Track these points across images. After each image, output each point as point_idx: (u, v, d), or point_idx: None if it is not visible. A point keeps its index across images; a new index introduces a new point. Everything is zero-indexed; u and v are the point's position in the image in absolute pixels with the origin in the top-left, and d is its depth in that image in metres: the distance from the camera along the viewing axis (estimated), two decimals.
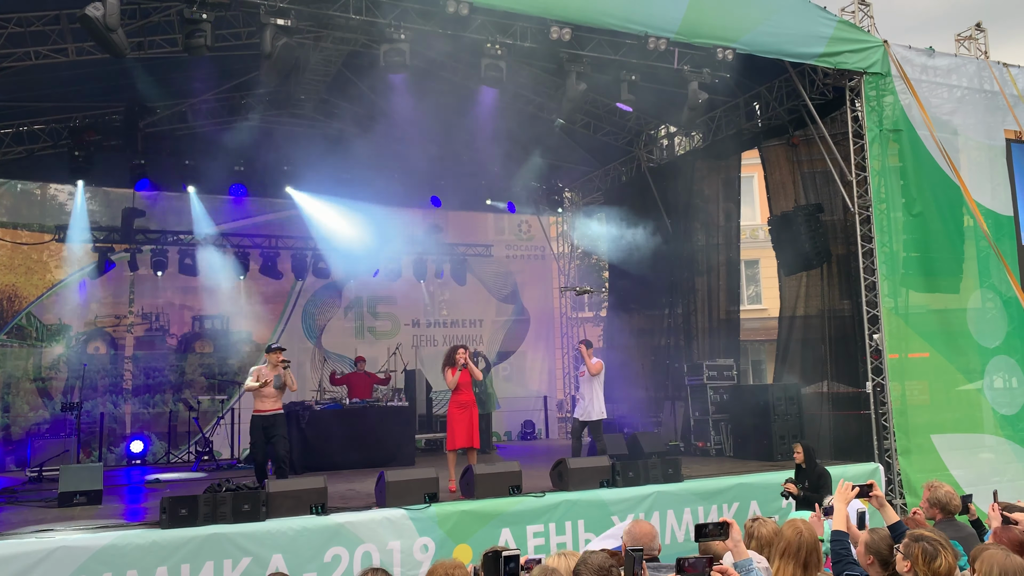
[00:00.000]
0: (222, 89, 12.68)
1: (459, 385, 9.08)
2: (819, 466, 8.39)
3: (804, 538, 3.99)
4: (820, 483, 8.14)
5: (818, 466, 8.36)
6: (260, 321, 15.73)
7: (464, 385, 9.12)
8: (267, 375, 9.23)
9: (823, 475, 8.26)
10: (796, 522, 4.16)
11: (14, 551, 6.17)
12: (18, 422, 13.73)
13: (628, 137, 14.78)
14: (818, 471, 8.31)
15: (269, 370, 9.27)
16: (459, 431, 9.02)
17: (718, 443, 12.29)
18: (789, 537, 4.04)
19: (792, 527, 4.11)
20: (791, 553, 3.97)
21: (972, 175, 11.14)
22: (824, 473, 8.29)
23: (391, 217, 16.32)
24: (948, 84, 11.25)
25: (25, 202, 14.30)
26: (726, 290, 13.58)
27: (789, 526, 4.15)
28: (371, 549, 7.22)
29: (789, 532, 4.07)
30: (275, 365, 9.27)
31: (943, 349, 10.68)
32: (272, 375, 9.23)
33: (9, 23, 9.52)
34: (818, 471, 8.31)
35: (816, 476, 8.25)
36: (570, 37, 9.07)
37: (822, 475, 8.26)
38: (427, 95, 11.23)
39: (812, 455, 8.45)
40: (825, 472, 8.31)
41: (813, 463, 8.40)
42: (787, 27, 10.04)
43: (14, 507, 8.68)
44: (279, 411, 9.37)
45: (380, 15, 8.67)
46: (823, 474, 8.27)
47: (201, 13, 7.85)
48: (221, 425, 14.41)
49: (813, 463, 8.40)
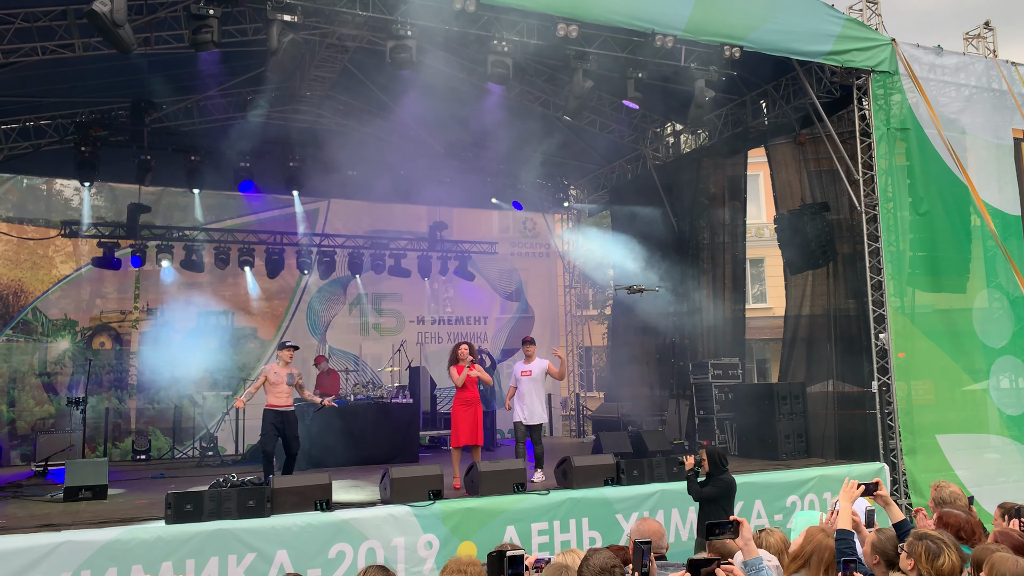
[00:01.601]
0: (228, 85, 12.69)
1: (464, 383, 9.09)
2: (727, 475, 7.23)
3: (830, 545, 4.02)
4: (725, 493, 7.12)
5: (726, 474, 7.20)
6: (265, 317, 15.77)
7: (470, 383, 9.12)
8: (279, 373, 9.24)
9: (730, 485, 7.17)
10: (816, 530, 4.18)
11: (20, 545, 6.19)
12: (24, 417, 13.77)
13: (634, 135, 14.75)
14: (725, 480, 7.17)
15: (281, 367, 9.29)
16: (463, 428, 9.03)
17: (723, 442, 12.26)
18: (820, 541, 4.06)
19: (821, 534, 4.12)
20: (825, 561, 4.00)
21: (980, 174, 11.09)
22: (731, 484, 7.18)
23: (396, 213, 16.38)
24: (956, 83, 11.19)
25: (31, 197, 14.33)
26: (731, 288, 13.55)
27: (817, 533, 4.16)
28: (375, 545, 7.22)
29: (820, 538, 4.09)
30: (287, 362, 9.29)
31: (949, 349, 10.64)
32: (284, 372, 9.25)
33: (16, 18, 9.54)
34: (725, 480, 7.17)
35: (724, 486, 7.15)
36: (577, 34, 9.04)
37: (729, 485, 7.17)
38: (433, 92, 11.22)
39: (719, 462, 7.21)
40: (732, 483, 7.20)
41: (720, 471, 7.19)
42: (795, 25, 10.00)
43: (20, 501, 8.71)
44: (290, 408, 9.39)
45: (387, 11, 8.66)
46: (730, 484, 7.18)
47: (208, 9, 7.85)
48: (226, 421, 14.44)
49: (720, 471, 7.19)
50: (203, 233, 14.92)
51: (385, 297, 16.77)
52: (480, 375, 9.14)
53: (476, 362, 9.23)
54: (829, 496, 9.18)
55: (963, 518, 4.59)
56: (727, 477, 7.17)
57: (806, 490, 9.38)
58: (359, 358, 16.29)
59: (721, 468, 7.16)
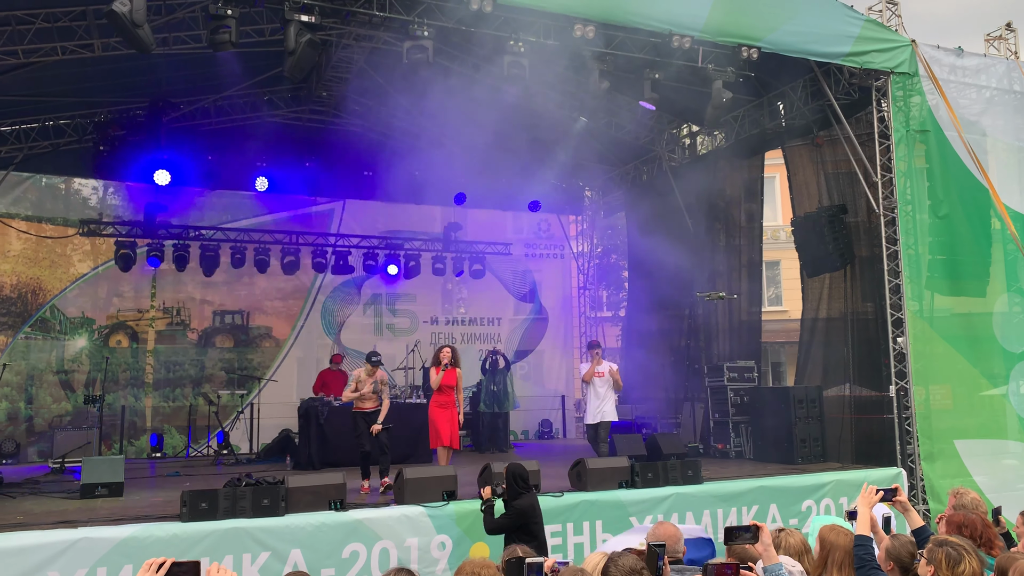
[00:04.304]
0: (245, 85, 12.75)
1: (441, 386, 9.38)
2: (524, 497, 6.48)
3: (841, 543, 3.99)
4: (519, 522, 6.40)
5: (522, 497, 6.47)
6: (280, 317, 15.84)
7: (446, 387, 9.40)
8: (365, 381, 9.41)
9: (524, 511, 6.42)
10: (827, 529, 4.14)
11: (37, 541, 6.24)
12: (41, 414, 13.89)
13: (650, 136, 14.69)
14: (518, 508, 6.42)
15: (367, 376, 9.44)
16: (442, 429, 9.32)
17: (738, 445, 12.20)
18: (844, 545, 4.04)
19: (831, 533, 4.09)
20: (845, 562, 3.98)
21: (1001, 177, 10.96)
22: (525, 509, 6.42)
23: (411, 214, 16.40)
24: (977, 84, 11.08)
25: (50, 196, 14.45)
26: (747, 291, 13.47)
27: (828, 533, 4.13)
28: (389, 546, 7.22)
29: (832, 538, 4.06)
30: (371, 373, 9.43)
31: (968, 353, 10.53)
32: (370, 381, 9.40)
33: (37, 19, 9.62)
34: (518, 508, 6.42)
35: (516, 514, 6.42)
36: (594, 35, 9.02)
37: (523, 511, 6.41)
38: (448, 93, 11.23)
39: (515, 482, 6.52)
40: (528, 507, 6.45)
41: (515, 494, 6.49)
42: (813, 26, 9.93)
43: (37, 498, 8.78)
44: (376, 409, 9.48)
45: (403, 12, 8.67)
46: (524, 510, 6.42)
47: (226, 9, 7.89)
48: (240, 420, 14.50)
49: (515, 494, 6.49)
50: (219, 232, 14.99)
51: (399, 297, 16.79)
52: (455, 384, 9.40)
53: (454, 366, 9.48)
54: (845, 501, 9.11)
55: (975, 519, 4.54)
56: (522, 502, 6.42)
57: (822, 495, 9.31)
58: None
59: (516, 491, 6.46)
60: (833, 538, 4.14)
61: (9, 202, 14.00)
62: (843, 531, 4.13)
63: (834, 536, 4.13)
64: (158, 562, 3.01)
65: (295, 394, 14.60)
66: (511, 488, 6.52)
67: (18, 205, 14.12)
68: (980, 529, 4.45)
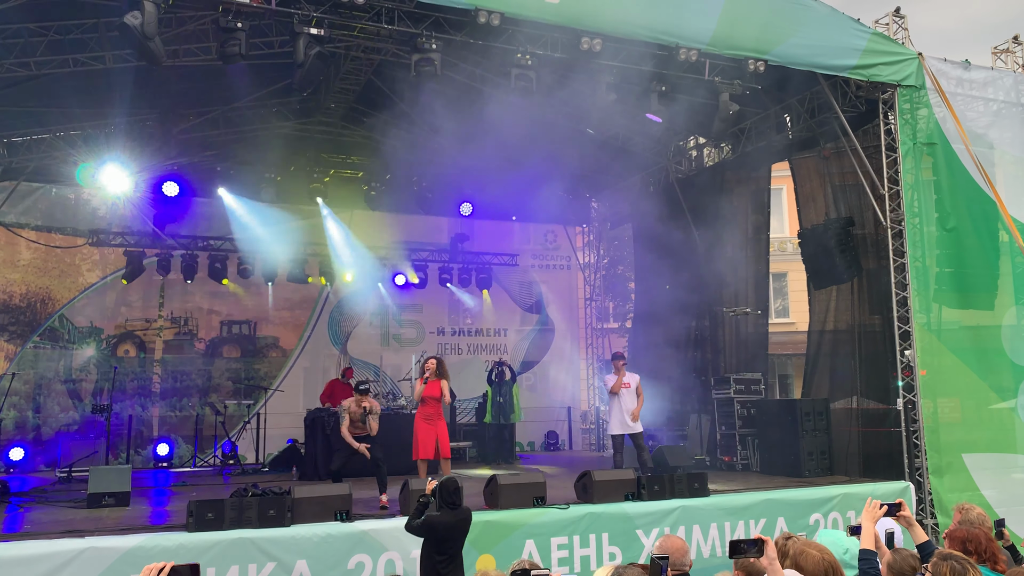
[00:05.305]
0: (254, 97, 12.83)
1: (424, 397, 9.27)
2: (439, 516, 6.06)
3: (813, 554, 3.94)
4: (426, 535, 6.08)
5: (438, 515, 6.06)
6: (287, 327, 15.89)
7: (430, 399, 9.26)
8: (355, 412, 9.28)
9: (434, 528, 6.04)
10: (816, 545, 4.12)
11: (44, 551, 6.27)
12: (49, 423, 13.94)
13: (657, 148, 14.72)
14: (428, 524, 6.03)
15: (356, 407, 9.31)
16: (425, 441, 9.15)
17: (744, 458, 12.15)
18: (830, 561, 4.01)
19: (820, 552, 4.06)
20: None
21: (1009, 189, 10.94)
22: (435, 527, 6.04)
23: (418, 225, 16.46)
24: (984, 97, 11.07)
25: (59, 206, 14.55)
26: (754, 303, 13.44)
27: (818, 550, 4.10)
28: (395, 557, 7.22)
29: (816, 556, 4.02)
30: (359, 404, 9.35)
31: (976, 366, 10.47)
32: (359, 411, 9.29)
33: (49, 31, 9.71)
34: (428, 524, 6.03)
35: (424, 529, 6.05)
36: (600, 48, 9.06)
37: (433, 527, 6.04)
38: (455, 104, 11.28)
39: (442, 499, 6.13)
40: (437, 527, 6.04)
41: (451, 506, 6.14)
42: (820, 39, 9.95)
43: (44, 507, 8.80)
44: (365, 435, 9.28)
45: (412, 25, 8.72)
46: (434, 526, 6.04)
47: (236, 22, 7.96)
48: (247, 430, 14.53)
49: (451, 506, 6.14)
50: (227, 242, 15.06)
51: (406, 308, 16.82)
52: (439, 395, 9.25)
53: (440, 377, 9.32)
54: (853, 515, 9.07)
55: (978, 534, 4.52)
56: (436, 519, 6.04)
57: (829, 508, 9.27)
58: (379, 368, 16.33)
59: (445, 503, 6.10)
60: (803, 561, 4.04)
61: (19, 212, 14.10)
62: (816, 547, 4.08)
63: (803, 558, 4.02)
64: (158, 567, 3.02)
65: (301, 404, 14.64)
66: (440, 500, 6.13)
67: (28, 215, 14.23)
68: (984, 544, 4.43)
